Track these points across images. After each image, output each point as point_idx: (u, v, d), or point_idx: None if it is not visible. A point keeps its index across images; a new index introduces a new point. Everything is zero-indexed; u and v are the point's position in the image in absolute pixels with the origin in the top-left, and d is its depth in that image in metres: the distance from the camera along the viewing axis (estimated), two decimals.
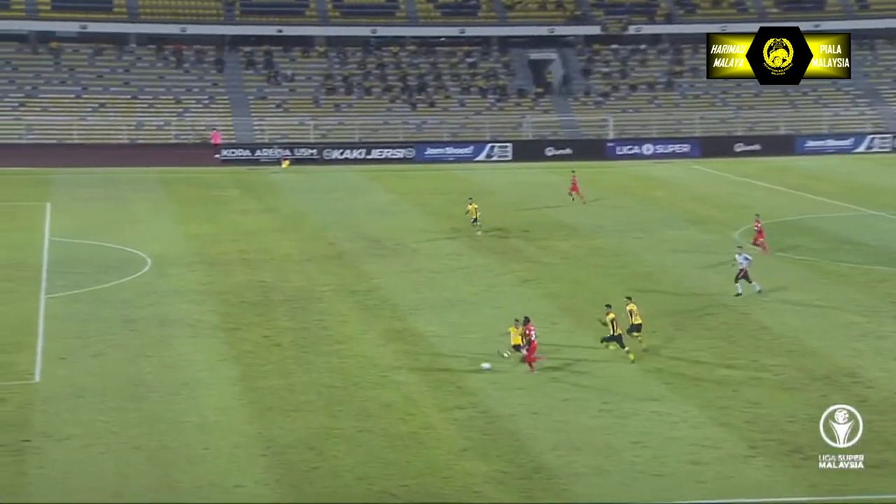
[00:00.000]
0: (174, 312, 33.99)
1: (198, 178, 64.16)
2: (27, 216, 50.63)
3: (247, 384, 27.50)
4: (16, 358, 29.11)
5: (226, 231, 47.67)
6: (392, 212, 52.97)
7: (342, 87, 78.45)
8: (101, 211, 52.38)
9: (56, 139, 71.80)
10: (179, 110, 75.17)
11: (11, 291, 36.23)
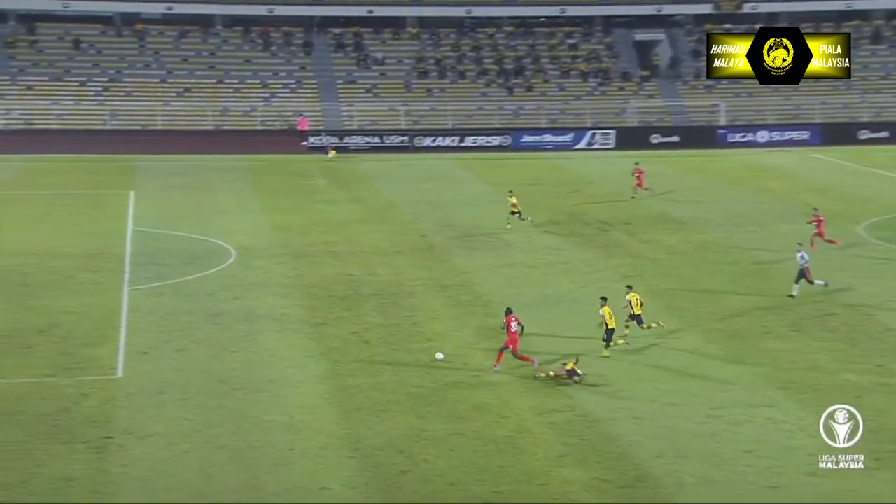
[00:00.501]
0: (259, 306, 34.56)
1: (284, 165, 65.09)
2: (111, 205, 52.01)
3: (334, 382, 27.82)
4: (99, 352, 29.96)
5: (313, 222, 48.29)
6: (486, 203, 52.99)
7: (435, 71, 78.70)
8: (185, 200, 53.53)
9: (140, 125, 73.57)
10: (266, 95, 76.32)
11: (95, 283, 37.28)
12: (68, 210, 50.40)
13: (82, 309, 33.92)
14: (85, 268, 39.30)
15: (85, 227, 46.57)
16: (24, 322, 32.38)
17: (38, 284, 36.86)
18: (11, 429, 24.44)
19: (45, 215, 49.11)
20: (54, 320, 32.63)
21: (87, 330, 31.84)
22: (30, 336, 31.07)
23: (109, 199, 53.75)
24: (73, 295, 35.56)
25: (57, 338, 31.07)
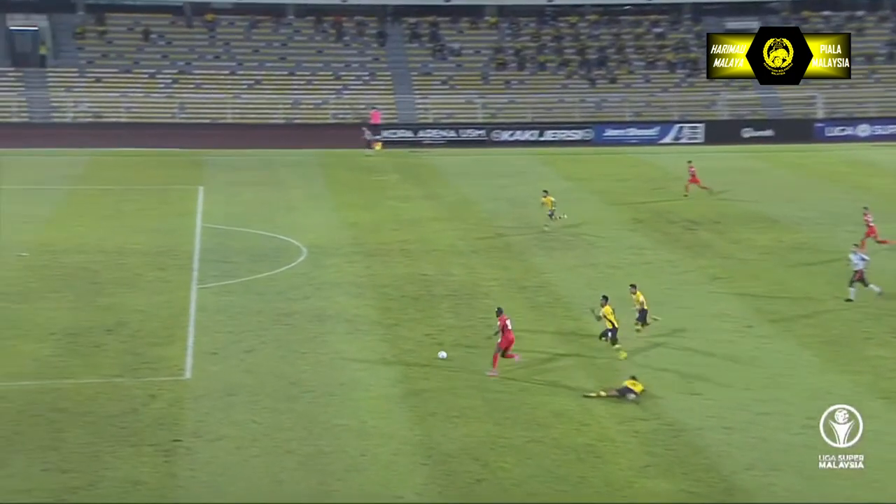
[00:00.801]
0: (331, 306, 34.86)
1: (356, 161, 65.57)
2: (179, 200, 52.87)
3: (407, 386, 27.95)
4: (167, 352, 30.48)
5: (385, 219, 48.54)
6: (566, 200, 52.72)
7: (514, 62, 78.62)
8: (254, 196, 54.18)
9: (209, 118, 74.67)
10: (338, 87, 76.97)
11: (163, 281, 37.93)
12: (137, 206, 51.35)
13: (150, 307, 34.54)
14: (153, 265, 39.99)
15: (153, 223, 47.40)
16: (93, 321, 33.07)
17: (106, 282, 37.62)
18: (79, 430, 24.98)
19: (113, 211, 50.10)
20: (122, 319, 33.28)
21: (156, 329, 32.42)
22: (98, 335, 31.73)
23: (178, 194, 54.63)
24: (142, 293, 36.22)
25: (125, 337, 31.68)
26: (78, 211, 49.93)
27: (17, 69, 76.35)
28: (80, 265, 39.81)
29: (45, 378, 28.22)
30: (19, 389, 27.33)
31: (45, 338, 31.35)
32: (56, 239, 43.76)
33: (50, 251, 41.73)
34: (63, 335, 31.64)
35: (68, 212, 49.66)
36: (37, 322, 32.81)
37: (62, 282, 37.50)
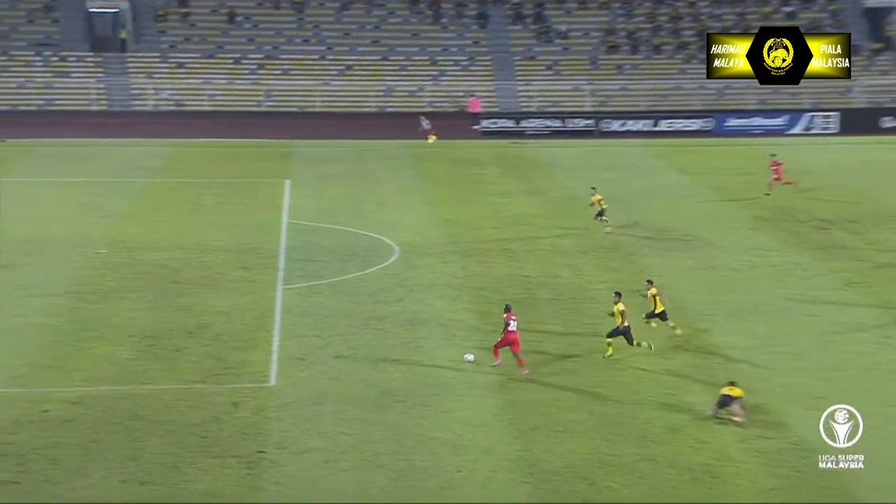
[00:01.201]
0: (424, 310, 35.08)
1: (453, 152, 65.78)
2: (265, 195, 53.61)
3: (507, 397, 28.00)
4: (251, 356, 31.00)
5: (484, 216, 48.63)
6: (683, 196, 52.31)
7: (626, 45, 78.11)
8: (344, 190, 54.72)
9: (297, 107, 75.63)
10: (434, 73, 77.31)
11: (248, 280, 38.56)
12: (219, 200, 52.24)
13: (233, 309, 35.15)
14: (236, 264, 40.67)
15: (236, 218, 48.17)
16: (173, 323, 33.78)
17: (187, 281, 38.38)
18: (159, 439, 25.55)
19: (194, 205, 51.04)
20: (204, 321, 33.93)
21: (239, 332, 32.99)
22: (179, 338, 32.41)
23: (263, 188, 55.42)
24: (224, 293, 36.87)
25: (207, 340, 32.30)
26: (157, 205, 51.00)
27: (96, 54, 78.14)
28: (159, 263, 40.67)
29: (123, 383, 28.94)
30: (97, 395, 28.06)
31: (123, 340, 32.13)
32: (134, 235, 44.78)
33: (128, 248, 42.72)
34: (142, 338, 32.39)
35: (147, 206, 50.76)
36: (114, 323, 33.65)
37: (141, 281, 38.37)
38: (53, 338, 32.31)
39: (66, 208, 49.71)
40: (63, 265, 40.13)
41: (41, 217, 47.72)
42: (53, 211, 49.15)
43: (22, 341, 31.86)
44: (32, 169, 60.08)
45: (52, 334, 32.60)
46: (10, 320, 33.76)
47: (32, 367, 29.90)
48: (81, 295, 36.59)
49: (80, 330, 33.04)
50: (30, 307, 35.05)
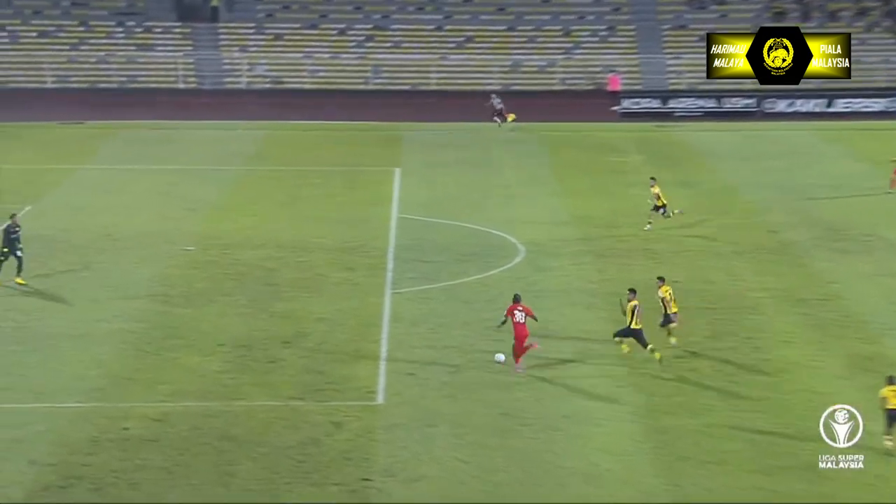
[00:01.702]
0: (554, 320, 34.99)
1: (589, 137, 65.53)
2: (372, 185, 54.05)
3: (650, 422, 27.80)
4: (355, 370, 31.27)
5: (624, 211, 48.36)
6: (861, 188, 51.38)
7: (795, 11, 76.99)
8: (462, 180, 54.87)
9: (409, 84, 76.08)
10: (568, 45, 77.08)
11: (352, 283, 38.91)
12: (321, 191, 52.78)
13: (336, 316, 35.49)
14: (339, 264, 41.05)
15: (340, 212, 48.63)
16: (268, 331, 34.24)
17: (284, 283, 38.88)
18: (251, 463, 25.90)
19: (292, 197, 51.63)
20: (303, 329, 34.33)
21: (342, 342, 33.30)
22: (274, 348, 32.84)
23: (370, 177, 55.85)
24: (325, 298, 37.25)
25: (305, 351, 32.68)
26: (251, 196, 51.73)
27: (184, 25, 79.57)
28: (253, 263, 41.25)
29: (212, 398, 29.41)
30: (183, 411, 28.56)
31: (212, 350, 32.68)
32: (225, 230, 45.49)
33: (218, 245, 43.43)
34: (233, 347, 32.90)
35: (240, 197, 51.52)
36: (203, 330, 34.23)
37: (233, 283, 38.98)
38: (135, 346, 33.00)
39: (149, 199, 50.74)
40: (146, 264, 40.97)
41: (122, 209, 48.80)
42: (136, 202, 50.21)
43: (101, 350, 32.61)
44: (113, 154, 61.47)
45: (134, 342, 33.31)
46: (88, 325, 34.60)
47: (112, 380, 30.58)
48: (166, 298, 37.31)
49: (164, 338, 33.69)
50: (109, 311, 35.85)
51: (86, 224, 45.75)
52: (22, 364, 31.46)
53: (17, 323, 34.85)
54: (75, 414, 28.30)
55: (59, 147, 63.08)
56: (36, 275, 38.76)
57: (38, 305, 36.50)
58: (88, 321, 34.98)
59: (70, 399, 29.18)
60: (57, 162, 58.88)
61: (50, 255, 40.84)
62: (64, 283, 38.62)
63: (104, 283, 38.71)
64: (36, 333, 33.86)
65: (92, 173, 56.60)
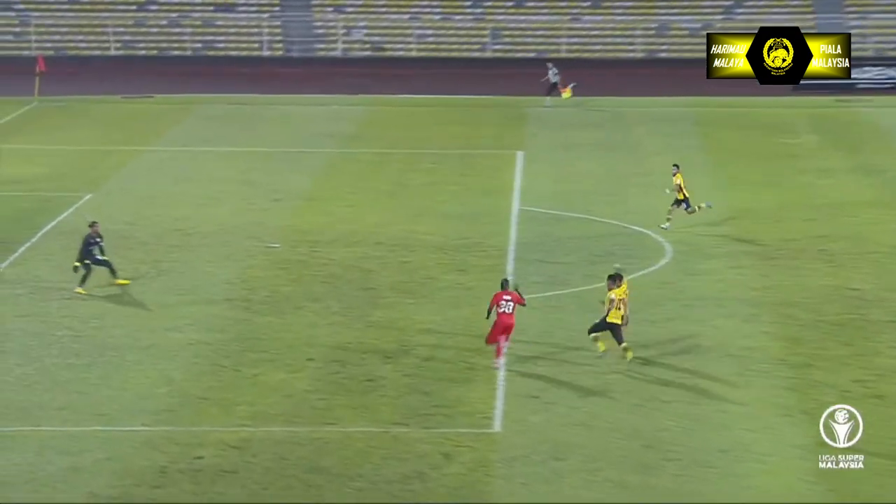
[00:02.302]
0: (706, 333, 34.82)
1: (751, 114, 64.97)
2: (490, 171, 54.22)
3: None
4: (468, 392, 31.26)
5: (794, 203, 47.94)
6: None
7: None
8: (596, 166, 54.80)
9: (534, 51, 76.03)
10: (727, 4, 76.46)
11: (465, 288, 38.98)
12: (429, 179, 53.05)
13: (446, 327, 35.56)
14: (450, 265, 41.19)
15: (451, 203, 48.82)
16: (366, 343, 34.41)
17: (385, 287, 39.11)
18: (345, 500, 26.04)
19: (395, 186, 52.01)
20: (406, 342, 34.45)
21: (452, 358, 33.31)
22: (372, 364, 32.96)
23: (487, 161, 56.01)
24: (434, 305, 37.37)
25: (410, 368, 32.77)
26: (347, 185, 52.07)
27: None
28: (348, 262, 41.54)
29: (299, 423, 29.59)
30: (265, 437, 28.80)
31: (300, 365, 32.90)
32: (316, 225, 45.86)
33: (308, 241, 43.81)
34: (324, 362, 33.11)
35: (334, 186, 51.92)
36: (289, 342, 34.49)
37: (324, 286, 39.26)
38: (211, 360, 33.35)
39: (227, 187, 51.35)
40: (224, 263, 41.46)
41: (196, 199, 49.45)
42: (212, 191, 50.85)
43: (171, 364, 33.00)
44: (186, 134, 62.38)
45: (210, 355, 33.66)
46: (156, 335, 35.05)
47: (184, 399, 30.93)
48: (247, 304, 37.70)
49: (244, 350, 34.02)
50: (181, 318, 36.31)
51: (154, 216, 46.44)
52: (80, 381, 31.95)
53: (75, 332, 35.42)
54: (141, 439, 28.66)
55: (123, 125, 64.23)
56: (94, 276, 39.34)
57: (98, 311, 37.10)
58: (157, 330, 35.45)
59: (135, 422, 29.57)
60: (120, 143, 59.93)
61: (112, 253, 41.33)
62: (127, 288, 39.15)
63: (175, 286, 39.25)
64: (96, 344, 34.39)
65: (161, 156, 57.43)
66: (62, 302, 37.76)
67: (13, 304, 37.69)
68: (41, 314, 36.72)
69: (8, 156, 56.17)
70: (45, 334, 35.04)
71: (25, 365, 32.77)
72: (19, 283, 39.35)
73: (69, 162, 55.48)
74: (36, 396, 30.78)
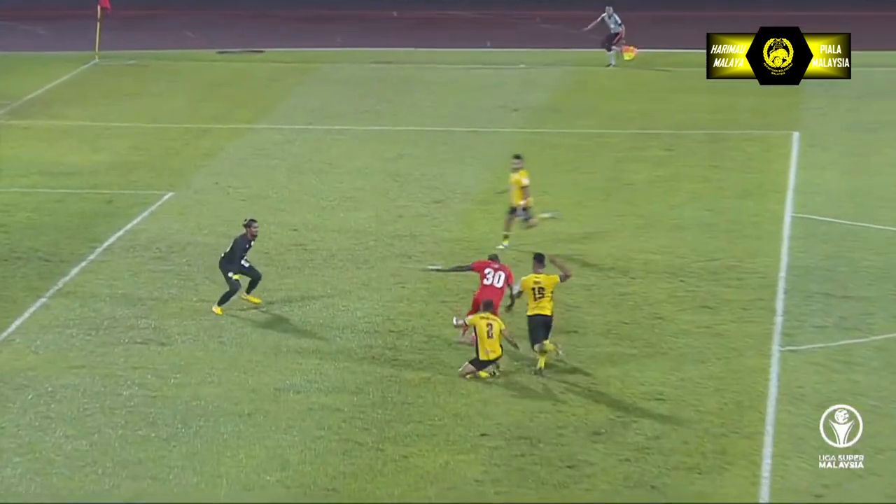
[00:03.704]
0: None
1: None
2: (751, 161, 54.71)
3: None
4: (718, 487, 31.12)
5: None
6: None
7: None
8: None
9: None
10: None
11: (712, 332, 38.95)
12: (659, 171, 53.40)
13: (683, 388, 35.29)
14: (690, 299, 41.33)
15: (692, 208, 49.07)
16: (564, 412, 34.17)
17: (591, 330, 39.12)
18: None
19: (611, 182, 52.39)
20: (624, 410, 34.30)
21: (691, 436, 33.01)
22: (575, 442, 32.66)
23: (747, 147, 56.34)
24: (665, 358, 37.31)
25: (629, 450, 32.20)
26: (538, 180, 51.67)
27: None
28: None
29: None
30: None
31: (470, 443, 32.88)
32: (494, 236, 45.84)
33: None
34: (504, 439, 33.10)
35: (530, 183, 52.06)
36: (455, 410, 34.53)
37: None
38: (342, 434, 33.41)
39: (367, 182, 51.74)
40: (362, 293, 41.79)
41: (324, 199, 49.82)
42: (345, 187, 51.23)
43: (285, 438, 33.04)
44: (307, 106, 63.05)
45: (341, 427, 33.71)
46: (265, 397, 35.06)
47: (303, 491, 30.93)
48: (395, 352, 37.85)
49: (390, 420, 34.09)
50: (301, 372, 36.46)
51: (262, 225, 46.28)
52: (155, 461, 32.17)
53: (149, 390, 35.75)
54: None
55: (218, 92, 65.17)
56: (176, 308, 39.81)
57: (181, 360, 37.43)
58: (265, 389, 35.71)
59: None
60: (213, 118, 60.83)
61: (200, 276, 41.90)
62: (222, 322, 39.64)
63: (290, 326, 39.62)
64: (178, 409, 34.61)
65: (271, 138, 57.99)
66: (131, 347, 38.15)
67: (64, 348, 38.13)
68: (102, 364, 37.12)
69: (57, 136, 57.21)
70: (107, 393, 35.44)
71: (79, 437, 33.12)
72: (72, 319, 39.84)
73: (142, 146, 56.24)
74: (93, 482, 31.15)
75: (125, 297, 40.55)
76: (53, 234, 46.20)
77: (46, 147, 56.44)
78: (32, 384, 35.67)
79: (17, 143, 57.07)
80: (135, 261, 43.08)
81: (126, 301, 40.29)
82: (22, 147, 56.49)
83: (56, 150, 55.47)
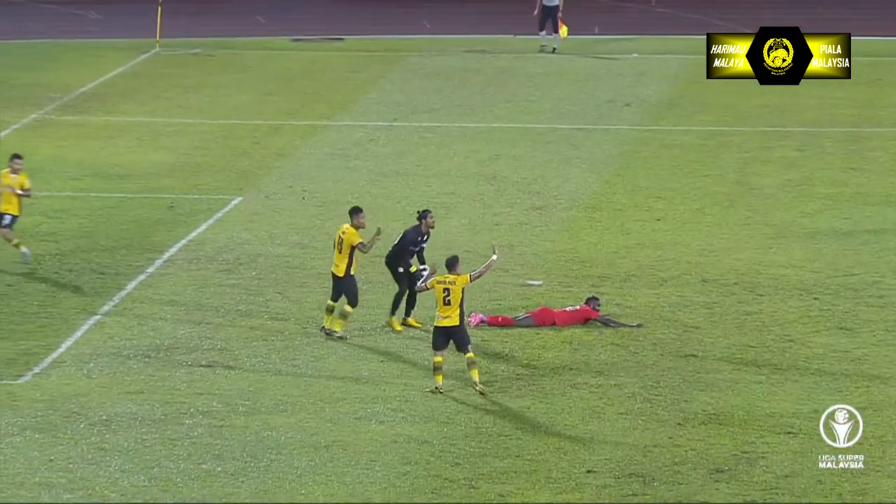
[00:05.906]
0: None
1: None
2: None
3: None
4: (880, 486, 31.35)
5: None
6: None
7: None
8: None
9: None
10: None
11: (850, 359, 38.87)
12: (790, 173, 53.46)
13: (818, 423, 35.30)
14: (826, 319, 41.49)
15: (829, 216, 49.13)
16: (682, 446, 34.29)
17: (714, 353, 39.31)
18: None
19: (735, 186, 52.60)
20: (751, 446, 34.40)
21: (836, 479, 33.17)
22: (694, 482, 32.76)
23: (892, 147, 55.63)
24: (797, 386, 37.34)
25: (756, 490, 32.41)
26: (655, 184, 52.23)
27: None
28: (656, 312, 42.00)
29: None
30: None
31: (575, 480, 32.78)
32: (604, 248, 46.25)
33: (589, 276, 44.46)
34: (614, 476, 32.95)
35: (632, 185, 52.47)
36: (558, 445, 34.52)
37: (615, 351, 39.64)
38: (432, 468, 33.14)
39: (460, 186, 52.01)
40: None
41: (415, 204, 49.67)
42: (436, 191, 51.43)
43: (367, 474, 32.95)
44: (393, 100, 63.18)
45: (430, 462, 33.71)
46: (344, 427, 35.27)
47: None
48: (491, 376, 37.95)
49: (485, 454, 34.15)
50: (383, 399, 36.72)
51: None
52: (223, 498, 32.20)
53: (214, 419, 35.99)
54: None
55: (292, 85, 65.40)
56: (245, 328, 40.06)
57: (249, 386, 37.70)
58: (345, 419, 35.90)
59: None
60: (287, 114, 61.12)
61: (271, 291, 42.14)
62: (296, 343, 39.88)
63: (370, 346, 39.82)
64: (247, 439, 34.82)
65: (352, 136, 58.25)
66: (194, 371, 38.46)
67: (120, 372, 38.44)
68: (162, 389, 37.42)
69: (112, 134, 57.62)
70: (168, 422, 35.70)
71: (136, 472, 33.34)
72: (129, 340, 40.13)
73: (207, 145, 56.57)
74: None
75: (188, 315, 40.79)
76: (108, 244, 46.50)
77: (100, 146, 56.85)
78: (85, 412, 35.84)
79: (68, 141, 57.51)
80: (199, 274, 43.36)
81: (189, 319, 40.53)
82: (74, 146, 56.93)
83: (111, 149, 55.92)
